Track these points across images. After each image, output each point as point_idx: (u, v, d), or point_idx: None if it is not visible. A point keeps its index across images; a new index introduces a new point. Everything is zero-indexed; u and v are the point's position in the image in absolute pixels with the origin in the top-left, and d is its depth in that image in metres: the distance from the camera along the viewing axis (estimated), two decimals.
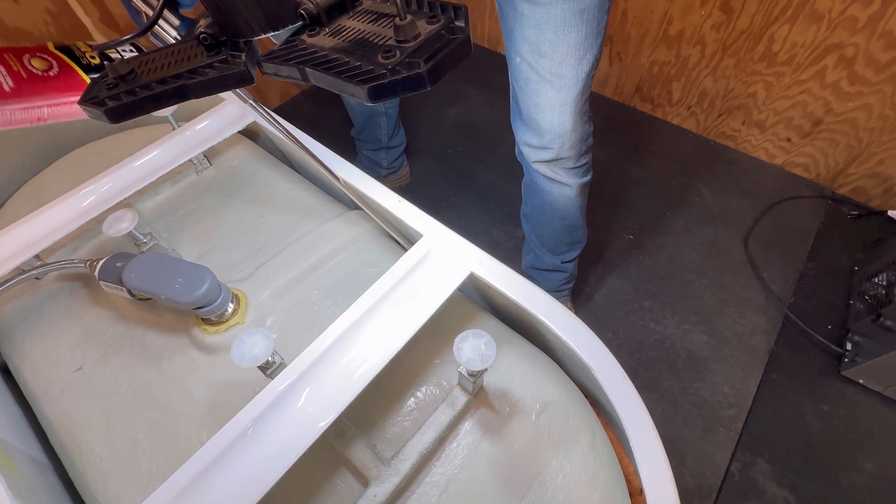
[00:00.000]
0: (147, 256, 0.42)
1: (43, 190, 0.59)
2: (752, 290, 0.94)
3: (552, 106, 0.58)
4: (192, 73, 0.27)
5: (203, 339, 0.43)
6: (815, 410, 0.79)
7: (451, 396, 0.39)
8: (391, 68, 0.20)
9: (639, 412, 0.34)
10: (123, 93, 0.27)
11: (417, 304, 0.38)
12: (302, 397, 0.34)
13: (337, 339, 0.36)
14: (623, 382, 0.34)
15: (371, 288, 0.39)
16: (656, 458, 0.32)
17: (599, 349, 0.36)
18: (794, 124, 1.08)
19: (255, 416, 0.33)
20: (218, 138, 0.51)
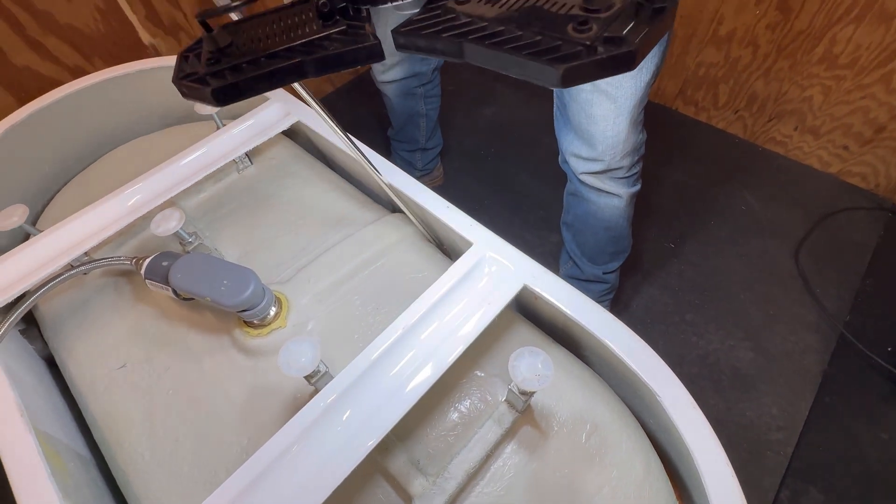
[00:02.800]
0: (193, 257, 0.42)
1: (91, 185, 0.60)
2: (803, 306, 0.89)
3: (606, 117, 0.55)
4: (307, 46, 0.22)
5: (245, 342, 0.43)
6: (873, 438, 0.74)
7: (497, 413, 0.38)
8: (589, 45, 0.16)
9: (710, 444, 0.31)
10: (227, 70, 0.22)
11: (469, 316, 0.36)
12: (349, 412, 0.33)
13: (385, 350, 0.35)
14: (693, 412, 0.32)
15: (420, 297, 0.37)
16: (731, 492, 0.30)
17: (666, 375, 0.33)
18: (854, 131, 1.01)
19: (302, 429, 0.32)
20: (262, 138, 0.51)
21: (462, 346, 0.35)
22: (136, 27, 0.80)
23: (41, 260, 0.43)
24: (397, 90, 0.84)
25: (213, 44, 0.23)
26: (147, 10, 0.83)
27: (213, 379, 0.42)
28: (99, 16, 0.78)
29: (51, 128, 0.60)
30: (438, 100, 0.96)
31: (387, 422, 0.32)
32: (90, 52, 0.80)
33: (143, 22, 0.82)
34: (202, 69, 0.23)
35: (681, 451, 0.35)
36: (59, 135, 0.61)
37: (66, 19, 0.77)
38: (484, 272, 0.39)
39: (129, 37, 0.82)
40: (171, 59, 0.62)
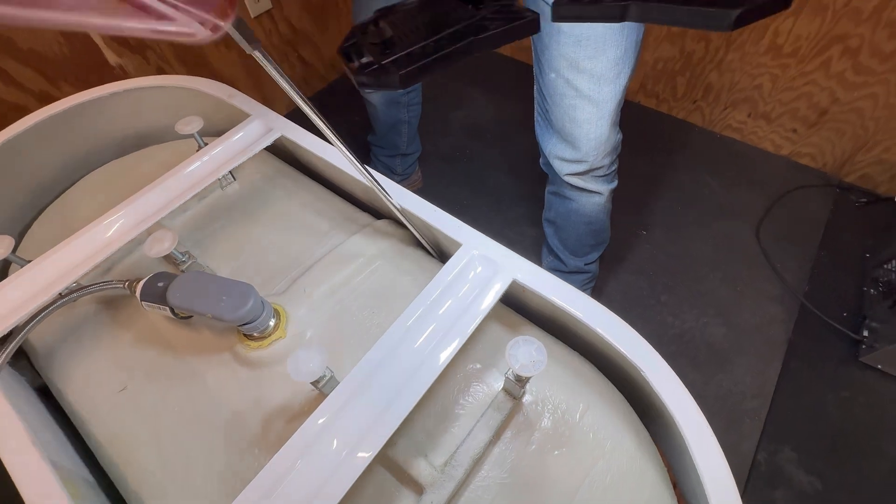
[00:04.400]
0: (189, 276, 0.42)
1: (70, 211, 0.60)
2: (766, 280, 0.95)
3: (589, 120, 0.58)
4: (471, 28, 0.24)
5: (247, 355, 0.44)
6: (836, 398, 0.80)
7: (496, 401, 0.40)
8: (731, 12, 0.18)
9: (695, 415, 0.34)
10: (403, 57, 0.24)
11: (464, 313, 0.38)
12: (358, 411, 0.35)
13: (388, 351, 0.37)
14: (675, 385, 0.35)
15: (417, 299, 0.39)
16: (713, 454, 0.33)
17: (648, 352, 0.37)
18: (800, 115, 1.09)
19: (315, 433, 0.34)
20: (248, 154, 0.52)
21: (459, 340, 0.37)
22: (102, 48, 0.78)
23: (31, 291, 0.43)
24: (384, 99, 0.86)
25: (378, 36, 0.25)
26: None
27: (218, 393, 0.43)
28: (63, 39, 0.77)
29: (24, 156, 0.59)
30: (420, 107, 0.98)
31: (396, 417, 0.33)
32: (55, 77, 0.79)
33: (109, 42, 0.81)
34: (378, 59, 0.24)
35: (667, 423, 0.38)
36: (32, 162, 0.60)
37: (28, 44, 0.75)
38: (474, 270, 0.41)
39: (95, 58, 0.80)
40: (144, 79, 0.62)
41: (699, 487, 0.34)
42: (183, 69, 1.00)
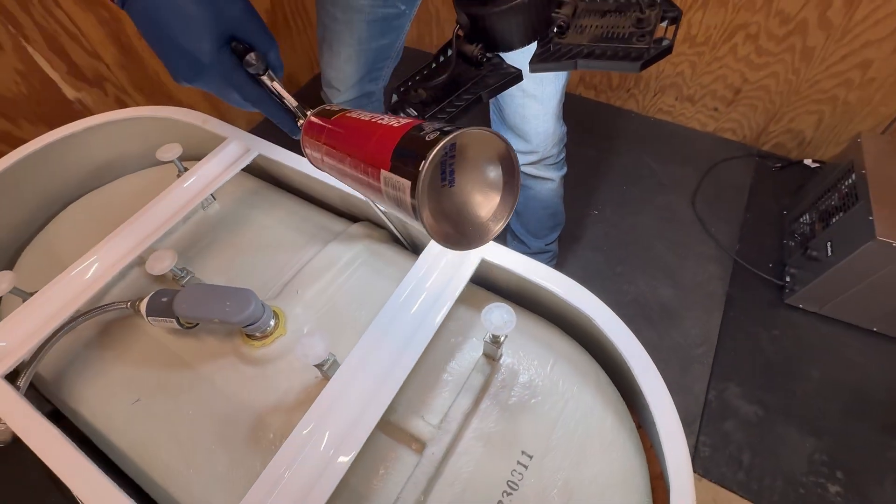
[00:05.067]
0: (192, 288, 0.47)
1: (56, 244, 0.62)
2: (703, 244, 1.08)
3: (537, 116, 0.67)
4: (478, 85, 0.33)
5: (252, 354, 0.48)
6: (769, 336, 0.93)
7: (477, 365, 0.47)
8: (648, 48, 0.27)
9: (636, 347, 0.42)
10: (437, 111, 0.33)
11: (442, 293, 0.45)
12: (360, 386, 0.40)
13: (380, 333, 0.43)
14: (619, 324, 0.43)
15: (400, 285, 0.45)
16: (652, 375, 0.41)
17: (598, 304, 0.45)
18: (719, 95, 1.22)
19: (323, 409, 0.39)
20: (229, 174, 0.56)
21: (441, 315, 0.43)
22: (59, 84, 0.79)
23: (40, 321, 0.46)
24: (351, 105, 0.90)
25: (417, 98, 0.35)
26: (68, 66, 0.83)
27: (228, 392, 0.47)
28: (19, 77, 0.77)
29: (2, 196, 0.61)
30: None
31: (392, 387, 0.39)
32: (15, 115, 0.79)
33: (66, 77, 0.82)
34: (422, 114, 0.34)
35: (621, 365, 0.46)
36: (11, 200, 0.62)
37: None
38: (449, 255, 0.48)
39: (53, 94, 0.81)
40: (120, 112, 0.65)
41: (646, 409, 0.42)
42: (142, 97, 1.01)
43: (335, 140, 0.31)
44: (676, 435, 0.38)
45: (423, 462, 0.42)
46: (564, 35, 0.30)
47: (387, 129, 0.26)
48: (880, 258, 0.77)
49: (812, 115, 1.15)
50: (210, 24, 0.32)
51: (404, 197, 0.22)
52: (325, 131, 0.33)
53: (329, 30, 0.72)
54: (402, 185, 0.22)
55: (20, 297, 0.49)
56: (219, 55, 0.33)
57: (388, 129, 0.25)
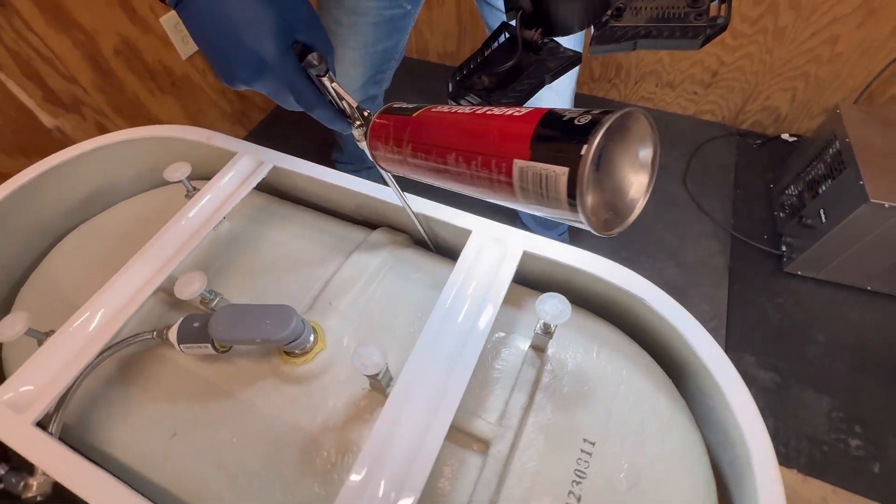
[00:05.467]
0: (226, 309, 0.44)
1: (55, 280, 0.58)
2: (700, 222, 1.11)
3: (553, 105, 0.67)
4: (538, 70, 0.32)
5: (294, 372, 0.46)
6: (773, 304, 0.96)
7: (527, 358, 0.47)
8: (706, 26, 0.27)
9: (691, 320, 0.43)
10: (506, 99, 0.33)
11: (490, 286, 0.44)
12: (424, 390, 0.39)
13: (432, 338, 0.42)
14: (674, 303, 0.43)
15: (442, 294, 0.44)
16: (719, 352, 0.42)
17: (644, 282, 0.45)
18: (697, 79, 1.27)
19: (391, 420, 0.37)
20: (245, 190, 0.54)
21: (488, 321, 0.43)
22: (36, 112, 0.75)
23: (62, 363, 0.43)
24: None
25: (480, 84, 0.34)
26: (44, 92, 0.78)
27: (272, 414, 0.45)
28: None
29: None
30: None
31: (459, 386, 0.38)
32: None
33: (42, 104, 0.77)
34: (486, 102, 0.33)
35: (671, 340, 0.46)
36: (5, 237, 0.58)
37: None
38: (489, 251, 0.47)
39: (30, 123, 0.76)
40: (115, 135, 0.61)
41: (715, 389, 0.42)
42: (122, 120, 0.97)
43: (428, 136, 0.30)
44: (751, 410, 0.38)
45: (489, 461, 0.41)
46: (621, 17, 0.30)
47: (508, 118, 0.24)
48: (873, 220, 0.81)
49: (786, 92, 1.20)
50: (277, 23, 0.31)
51: (555, 186, 0.21)
52: (407, 129, 0.32)
53: (333, 34, 0.71)
54: (552, 174, 0.21)
55: (34, 337, 0.46)
56: (284, 56, 0.32)
57: (512, 119, 0.24)
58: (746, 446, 0.36)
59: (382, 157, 0.35)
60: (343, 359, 0.48)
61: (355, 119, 0.37)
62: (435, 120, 0.30)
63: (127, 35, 0.95)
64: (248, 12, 0.30)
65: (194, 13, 0.31)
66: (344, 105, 0.37)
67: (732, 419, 0.38)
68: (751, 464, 0.36)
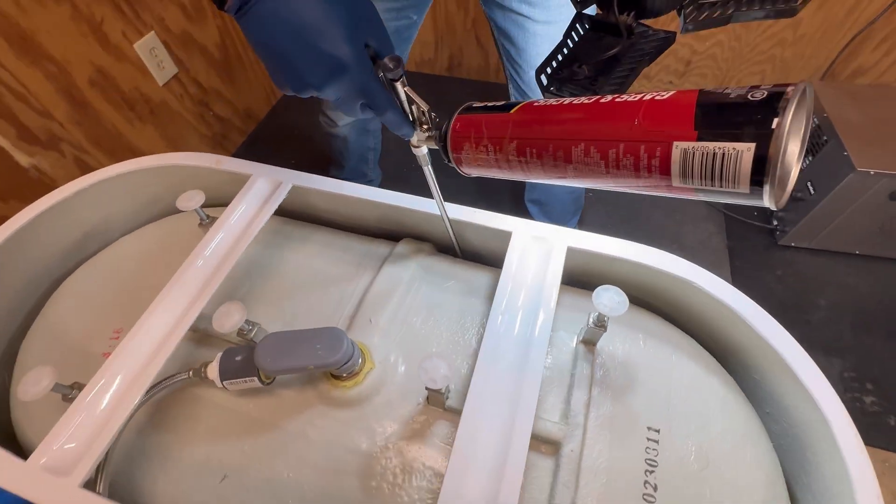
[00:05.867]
0: (270, 338, 0.42)
1: (65, 326, 0.54)
2: (694, 205, 1.14)
3: None
4: (637, 52, 0.32)
5: (346, 395, 0.45)
6: (774, 277, 1.00)
7: (578, 355, 0.46)
8: None
9: (747, 301, 0.43)
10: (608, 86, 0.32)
11: (540, 294, 0.44)
12: (495, 412, 0.37)
13: (493, 348, 0.41)
14: (725, 285, 0.44)
15: (493, 309, 0.43)
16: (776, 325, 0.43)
17: (690, 265, 0.45)
18: (672, 69, 1.32)
19: (469, 441, 0.36)
20: (265, 217, 0.51)
21: (549, 318, 0.42)
22: (10, 151, 0.70)
23: (100, 418, 0.39)
24: (355, 129, 0.87)
25: (581, 75, 0.34)
26: (18, 130, 0.73)
27: (327, 442, 0.43)
28: None
29: None
30: (381, 132, 1.01)
31: (531, 399, 0.37)
32: None
33: (17, 143, 0.72)
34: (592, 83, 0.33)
35: (717, 320, 0.47)
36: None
37: None
38: (533, 250, 0.47)
39: (5, 163, 0.71)
40: (115, 168, 0.58)
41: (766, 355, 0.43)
42: (102, 153, 0.91)
43: (542, 131, 0.28)
44: (822, 381, 0.39)
45: (563, 462, 0.40)
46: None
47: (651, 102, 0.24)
48: (860, 187, 0.86)
49: (755, 76, 1.26)
50: (351, 24, 0.30)
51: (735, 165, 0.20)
52: (508, 126, 0.30)
53: None
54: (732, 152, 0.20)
55: (58, 392, 0.42)
56: (360, 58, 0.31)
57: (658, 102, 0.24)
58: (824, 416, 0.37)
59: (470, 159, 0.34)
60: (393, 376, 0.46)
61: (423, 123, 0.36)
62: (548, 112, 0.29)
63: (101, 64, 0.91)
64: (318, 13, 0.29)
65: (260, 18, 0.30)
66: (412, 109, 0.36)
67: (802, 391, 0.39)
68: (832, 433, 0.36)
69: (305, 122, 1.48)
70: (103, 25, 0.89)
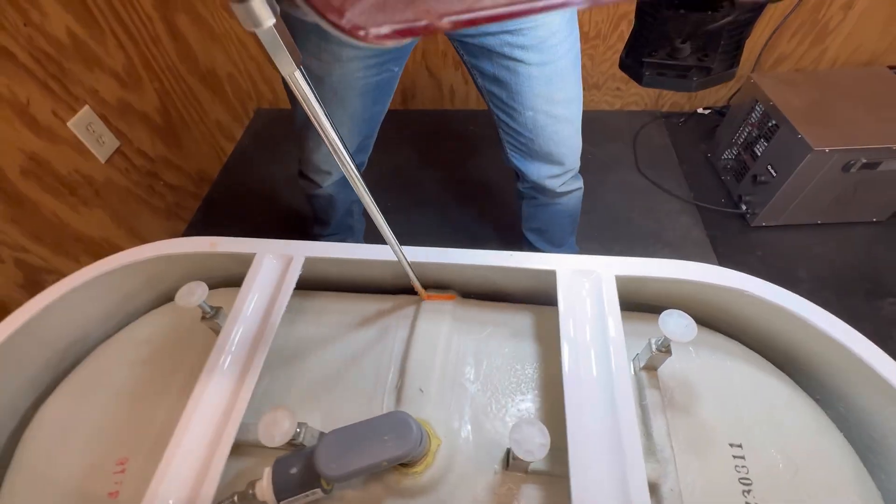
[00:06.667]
0: (329, 439, 0.37)
1: (45, 459, 0.45)
2: (667, 202, 1.19)
3: (570, 136, 0.69)
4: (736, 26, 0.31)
5: (418, 482, 0.40)
6: (756, 258, 1.06)
7: (643, 381, 0.45)
8: None
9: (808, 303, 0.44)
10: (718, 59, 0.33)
11: (604, 328, 0.42)
12: (602, 471, 0.35)
13: (576, 398, 0.38)
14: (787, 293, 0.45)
15: (563, 355, 0.41)
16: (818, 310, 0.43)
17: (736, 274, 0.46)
18: (618, 77, 1.39)
19: None
20: (286, 294, 0.46)
21: (621, 351, 0.40)
22: None
23: None
24: (339, 184, 0.83)
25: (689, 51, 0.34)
26: None
27: None
28: None
29: None
30: None
31: (635, 447, 0.35)
32: None
33: None
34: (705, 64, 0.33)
35: (772, 324, 0.47)
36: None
37: None
38: (581, 286, 0.45)
39: None
40: (98, 266, 0.50)
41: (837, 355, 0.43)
42: (44, 249, 0.80)
43: None
44: None
45: (667, 502, 0.38)
46: None
47: None
48: (818, 165, 0.93)
49: None
50: None
51: None
52: None
53: None
54: None
55: None
56: None
57: None
58: None
59: None
60: (461, 446, 0.42)
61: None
62: None
63: (32, 150, 0.81)
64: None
65: None
66: None
67: (883, 384, 0.39)
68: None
69: (262, 175, 1.41)
70: (30, 107, 0.80)
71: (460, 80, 1.46)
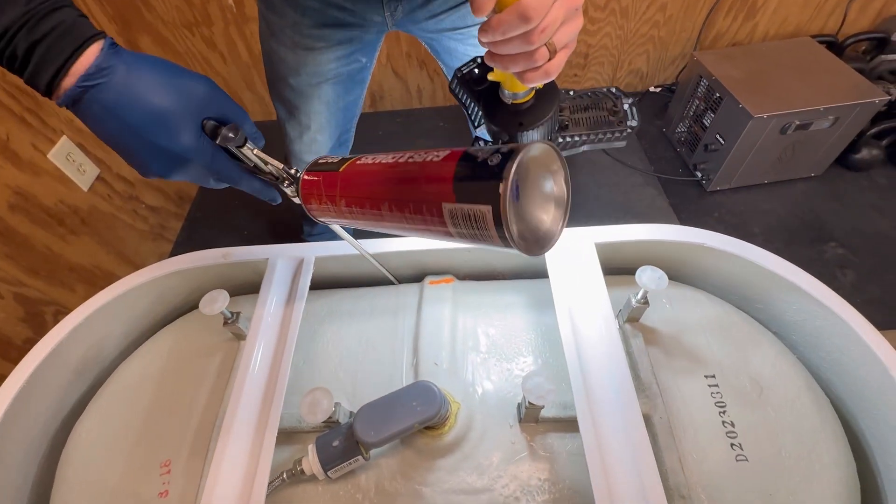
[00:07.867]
0: (364, 411, 0.42)
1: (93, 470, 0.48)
2: (631, 176, 1.28)
3: None
4: None
5: (444, 442, 0.45)
6: (714, 219, 1.16)
7: (628, 331, 0.51)
8: (625, 129, 0.34)
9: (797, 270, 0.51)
10: None
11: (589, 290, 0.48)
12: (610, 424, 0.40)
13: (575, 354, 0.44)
14: (749, 245, 0.52)
15: (556, 302, 0.46)
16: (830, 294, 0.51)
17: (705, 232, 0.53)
18: (574, 63, 1.47)
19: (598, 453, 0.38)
20: (302, 297, 0.50)
21: (609, 306, 0.47)
22: None
23: None
24: None
25: None
26: None
27: (445, 493, 0.43)
28: None
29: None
30: None
31: (628, 387, 0.41)
32: None
33: None
34: None
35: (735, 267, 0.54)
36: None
37: None
38: (568, 253, 0.51)
39: None
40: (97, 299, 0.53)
41: None
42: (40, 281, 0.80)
43: (359, 189, 0.30)
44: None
45: (659, 431, 0.44)
46: (566, 130, 0.37)
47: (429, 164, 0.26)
48: (759, 130, 1.04)
49: (642, 56, 1.46)
50: (185, 114, 0.30)
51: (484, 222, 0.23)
52: (337, 184, 0.32)
53: (293, 105, 0.69)
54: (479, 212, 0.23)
55: None
56: (199, 144, 0.31)
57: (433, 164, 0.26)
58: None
59: (319, 212, 0.35)
60: (478, 407, 0.48)
61: (284, 180, 0.37)
62: (362, 172, 0.30)
63: (17, 185, 0.80)
64: (153, 109, 0.28)
65: (94, 114, 0.28)
66: (270, 169, 0.36)
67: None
68: None
69: None
70: (10, 143, 0.80)
71: (426, 79, 1.50)
